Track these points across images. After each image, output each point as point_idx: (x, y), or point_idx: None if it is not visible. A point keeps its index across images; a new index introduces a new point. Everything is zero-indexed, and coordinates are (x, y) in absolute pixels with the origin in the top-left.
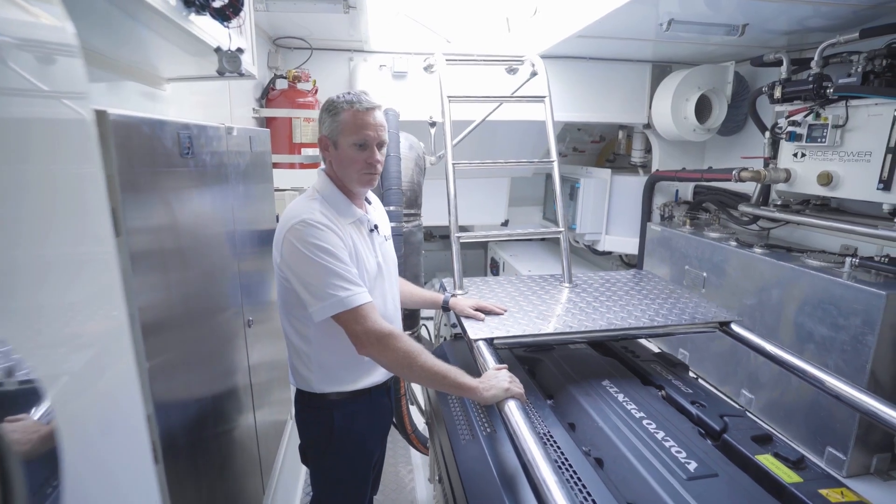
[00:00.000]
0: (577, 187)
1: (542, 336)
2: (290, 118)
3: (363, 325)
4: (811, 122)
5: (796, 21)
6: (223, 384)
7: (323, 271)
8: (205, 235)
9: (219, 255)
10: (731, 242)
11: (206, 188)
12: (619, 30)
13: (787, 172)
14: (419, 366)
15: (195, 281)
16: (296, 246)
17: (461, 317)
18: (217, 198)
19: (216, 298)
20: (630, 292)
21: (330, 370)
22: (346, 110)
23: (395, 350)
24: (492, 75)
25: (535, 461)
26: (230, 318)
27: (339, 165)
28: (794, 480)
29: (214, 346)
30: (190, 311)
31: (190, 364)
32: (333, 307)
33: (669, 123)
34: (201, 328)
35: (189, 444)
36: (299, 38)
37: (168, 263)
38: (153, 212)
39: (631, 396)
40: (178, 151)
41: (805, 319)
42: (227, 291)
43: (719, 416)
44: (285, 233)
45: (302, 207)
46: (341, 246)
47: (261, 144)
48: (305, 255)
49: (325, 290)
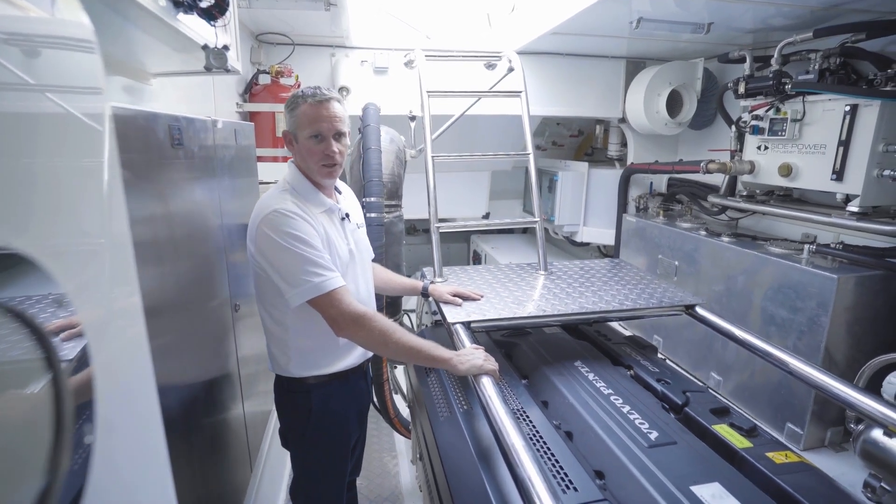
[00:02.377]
0: (556, 180)
1: (517, 319)
2: (274, 112)
3: (338, 307)
4: (772, 117)
5: (760, 20)
6: (214, 372)
7: (297, 258)
8: (195, 225)
9: (208, 246)
10: (701, 232)
11: (195, 179)
12: (593, 27)
13: (752, 164)
14: (394, 342)
15: (187, 270)
16: (269, 235)
17: (440, 302)
18: (205, 189)
19: (206, 287)
20: (603, 279)
21: (307, 355)
22: (301, 104)
23: (371, 329)
24: (471, 71)
25: (506, 433)
26: (220, 307)
27: (301, 159)
28: (745, 446)
29: (206, 334)
30: (182, 299)
31: (183, 351)
32: (308, 292)
33: (642, 117)
34: (193, 316)
35: (184, 427)
36: (282, 33)
37: (162, 252)
38: (148, 201)
39: (601, 375)
40: (170, 143)
41: (768, 303)
42: (216, 281)
43: (682, 391)
44: (258, 223)
45: (274, 198)
46: (313, 234)
47: (245, 138)
48: (279, 243)
49: (299, 277)
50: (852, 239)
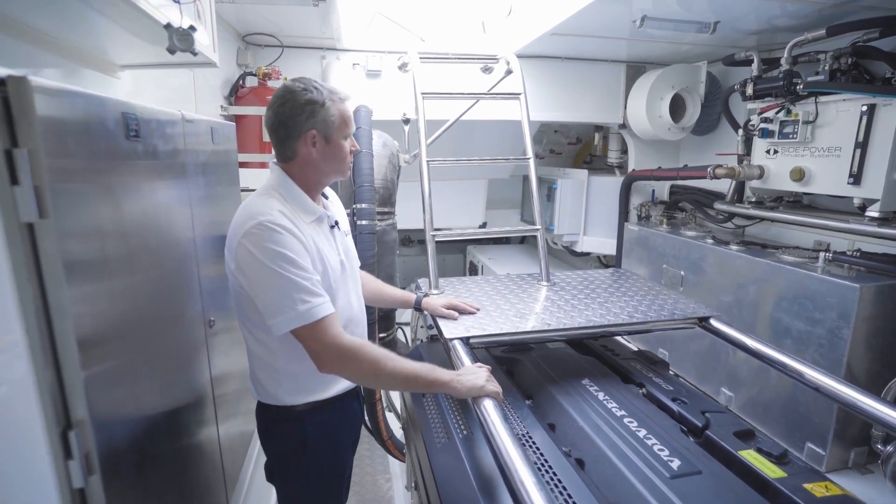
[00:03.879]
0: (555, 188)
1: (519, 334)
2: (260, 116)
3: (322, 340)
4: (782, 119)
5: (765, 20)
6: (181, 394)
7: (281, 282)
8: (158, 233)
9: (175, 255)
10: (708, 240)
11: (157, 180)
12: (593, 27)
13: (761, 169)
14: (388, 373)
15: (146, 284)
16: (252, 253)
17: (435, 316)
18: (172, 192)
19: (172, 303)
20: (609, 290)
21: (299, 380)
22: (335, 103)
23: (359, 363)
24: (466, 75)
25: (512, 463)
26: (189, 324)
27: (330, 161)
28: (779, 475)
29: (170, 355)
30: (139, 317)
31: (139, 374)
32: (291, 321)
33: (644, 122)
34: (154, 335)
35: (138, 456)
36: (269, 34)
37: (110, 261)
38: (91, 198)
39: (611, 395)
40: (123, 134)
41: (782, 315)
42: (184, 296)
43: (701, 412)
44: (240, 237)
45: (258, 207)
46: (303, 252)
47: (226, 139)
48: (263, 263)
49: (282, 303)
50: (869, 246)
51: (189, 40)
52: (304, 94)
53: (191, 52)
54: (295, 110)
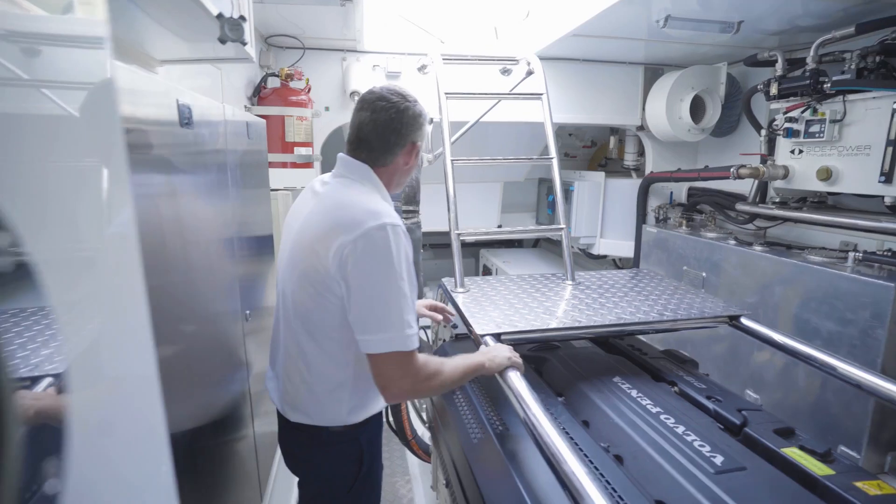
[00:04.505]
0: (571, 190)
1: (549, 331)
2: (283, 117)
3: (407, 367)
4: (808, 118)
5: (787, 20)
6: (221, 390)
7: (398, 296)
8: (206, 223)
9: (219, 245)
10: (730, 241)
11: (205, 166)
12: (614, 28)
13: (786, 169)
14: (449, 384)
15: (195, 272)
16: (372, 256)
17: (464, 312)
18: (215, 178)
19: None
20: (635, 289)
21: (366, 395)
22: (427, 121)
23: (430, 381)
24: (486, 77)
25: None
26: (228, 318)
27: (409, 171)
28: (826, 473)
29: (211, 350)
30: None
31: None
32: (392, 343)
33: (664, 124)
34: (200, 327)
35: (189, 449)
36: (292, 36)
37: (169, 246)
38: (157, 181)
39: (644, 392)
40: (179, 121)
41: (810, 315)
42: (224, 288)
43: (737, 410)
44: (355, 236)
45: (375, 205)
46: (412, 265)
47: (258, 136)
48: (384, 270)
49: (389, 321)
50: None
51: (240, 30)
52: (416, 105)
53: (241, 41)
54: (411, 120)
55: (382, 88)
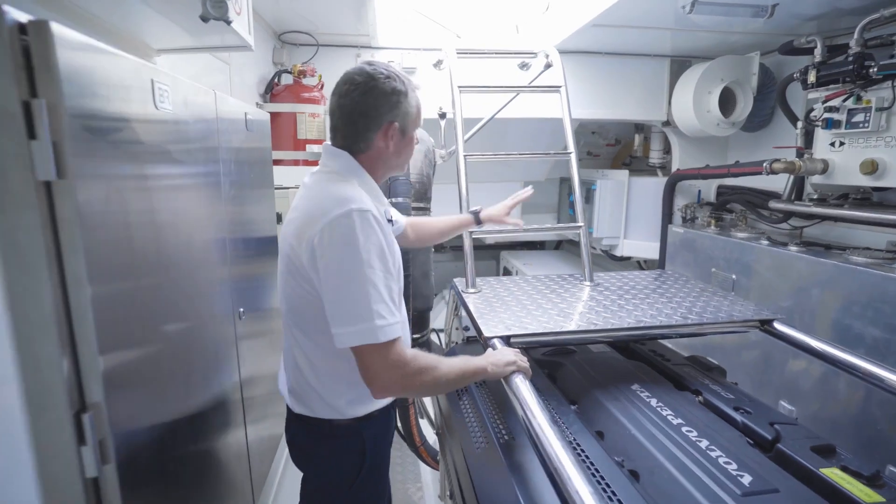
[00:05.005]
0: (594, 189)
1: (563, 334)
2: (295, 114)
3: (386, 358)
4: (851, 107)
5: (826, 2)
6: (208, 392)
7: (365, 285)
8: (188, 213)
9: (207, 242)
10: (763, 241)
11: (188, 156)
12: (637, 16)
13: (825, 163)
14: (443, 383)
15: (175, 268)
16: (337, 243)
17: (473, 313)
18: (203, 173)
19: (201, 296)
20: (657, 290)
21: (366, 389)
22: (411, 92)
23: (418, 382)
24: (504, 71)
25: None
26: (218, 319)
27: (402, 154)
28: (876, 500)
29: (198, 349)
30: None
31: (165, 366)
32: (362, 335)
33: (691, 118)
34: (182, 326)
35: (159, 451)
36: (305, 32)
37: (136, 237)
38: (115, 165)
39: (665, 402)
40: (152, 101)
41: (853, 321)
42: (214, 289)
43: (769, 423)
44: (322, 225)
45: (344, 191)
46: (389, 248)
47: (259, 130)
48: (350, 258)
49: (357, 312)
50: None
51: (223, 7)
52: (388, 82)
53: (224, 20)
54: (380, 99)
55: (352, 69)
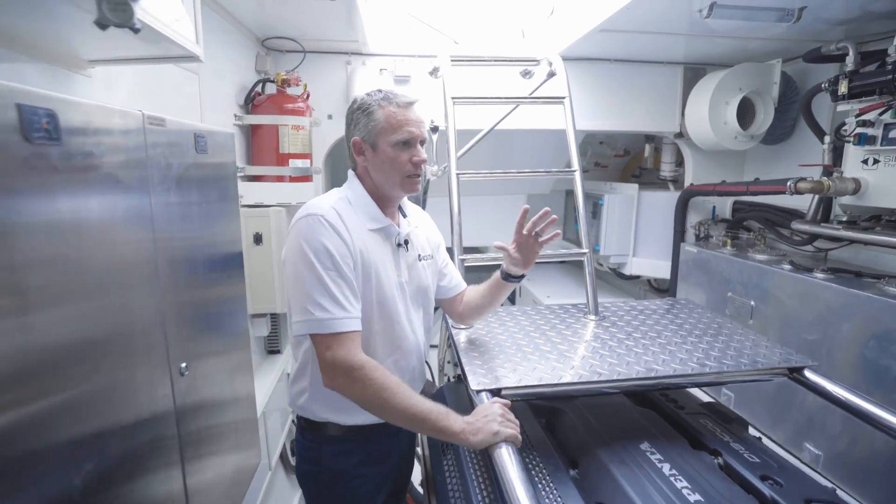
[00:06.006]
0: (601, 204)
1: (562, 386)
2: (277, 126)
3: (334, 352)
4: (889, 121)
5: (858, 5)
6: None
7: (311, 280)
8: (92, 255)
9: (121, 284)
10: (785, 266)
11: (94, 194)
12: (648, 21)
13: (856, 182)
14: (393, 406)
15: (62, 314)
16: (292, 245)
17: (462, 357)
18: (119, 206)
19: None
20: (669, 327)
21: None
22: (383, 107)
23: (365, 384)
24: (504, 80)
25: None
26: (140, 375)
27: (379, 169)
28: None
29: (109, 414)
30: (54, 357)
31: (55, 438)
32: (307, 326)
33: (707, 130)
34: (81, 379)
35: None
36: (290, 38)
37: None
38: None
39: (679, 467)
40: (23, 134)
41: (891, 362)
42: (132, 333)
43: (805, 501)
44: (290, 228)
45: (316, 202)
46: (346, 253)
47: (218, 148)
48: (299, 255)
49: (303, 304)
50: None
51: (126, 12)
52: (360, 102)
53: (129, 27)
54: (348, 119)
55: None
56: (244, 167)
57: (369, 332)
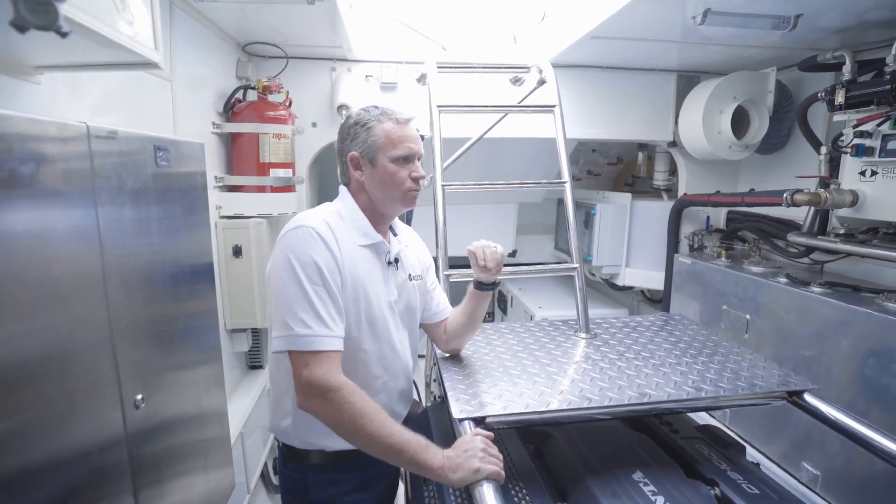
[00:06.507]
0: (593, 214)
1: (550, 413)
2: (258, 134)
3: (311, 370)
4: (887, 132)
5: (854, 14)
6: None
7: (294, 293)
8: (21, 273)
9: (57, 304)
10: (781, 279)
11: (23, 210)
12: (640, 28)
13: (854, 194)
14: (368, 434)
15: None
16: (278, 256)
17: (445, 382)
18: (61, 224)
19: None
20: (663, 346)
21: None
22: (382, 123)
23: (342, 407)
24: (494, 87)
25: None
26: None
27: (378, 185)
28: None
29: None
30: None
31: None
32: (286, 342)
33: (700, 139)
34: None
35: None
36: (272, 43)
37: None
38: None
39: (674, 500)
40: None
41: (891, 381)
42: (74, 355)
43: None
44: (278, 239)
45: (306, 215)
46: (334, 269)
47: (183, 159)
48: (284, 267)
49: (284, 319)
50: None
51: (48, 13)
52: (355, 118)
53: (54, 30)
54: (343, 135)
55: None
56: (223, 177)
57: (358, 352)
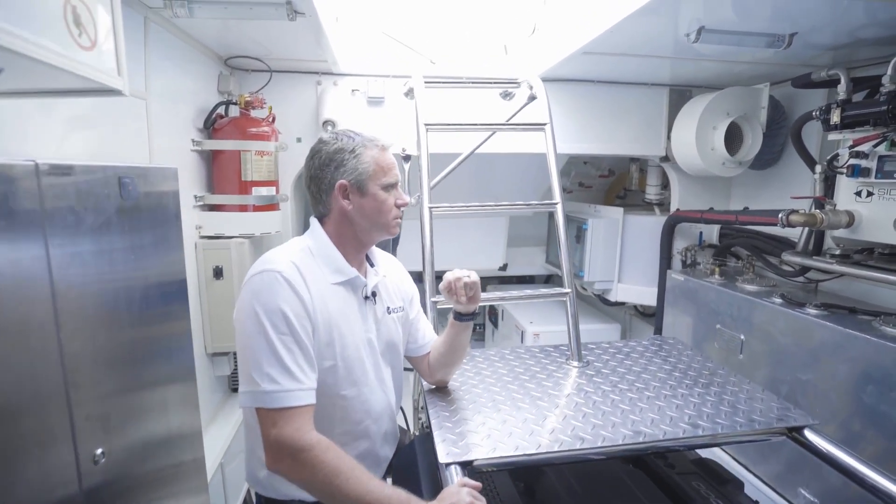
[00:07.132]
0: (585, 228)
1: (541, 455)
2: (239, 151)
3: (279, 429)
4: (884, 153)
5: (846, 32)
6: None
7: (260, 345)
8: None
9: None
10: (776, 299)
11: None
12: (633, 45)
13: (850, 215)
14: (345, 494)
15: None
16: (243, 304)
17: (432, 420)
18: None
19: None
20: (658, 375)
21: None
22: (369, 149)
23: (315, 468)
24: (484, 102)
25: None
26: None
27: (367, 214)
28: None
29: None
30: None
31: None
32: (252, 399)
33: (693, 155)
34: None
35: None
36: (255, 57)
37: None
38: None
39: None
40: None
41: (890, 408)
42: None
43: None
44: (243, 284)
45: (272, 255)
46: (303, 315)
47: (155, 186)
48: (249, 316)
49: (250, 373)
50: None
51: None
52: (333, 143)
53: None
54: (325, 162)
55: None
56: (203, 195)
57: (336, 399)
